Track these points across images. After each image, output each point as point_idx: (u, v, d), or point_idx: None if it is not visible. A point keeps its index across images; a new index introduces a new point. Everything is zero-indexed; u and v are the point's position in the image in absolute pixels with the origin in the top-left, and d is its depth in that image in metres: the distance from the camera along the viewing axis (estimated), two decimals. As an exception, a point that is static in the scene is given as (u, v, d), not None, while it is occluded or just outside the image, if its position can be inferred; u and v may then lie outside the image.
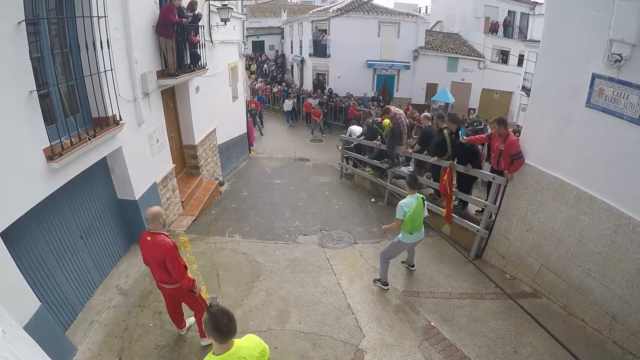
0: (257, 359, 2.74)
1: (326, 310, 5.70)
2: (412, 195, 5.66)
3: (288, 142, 19.17)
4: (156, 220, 4.24)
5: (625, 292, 4.67)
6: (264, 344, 2.90)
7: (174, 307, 4.88)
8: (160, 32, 7.31)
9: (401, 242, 5.83)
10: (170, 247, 4.16)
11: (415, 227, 5.64)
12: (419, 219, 5.62)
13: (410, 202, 5.57)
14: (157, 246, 4.16)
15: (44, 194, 4.51)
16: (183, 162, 9.98)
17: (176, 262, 4.20)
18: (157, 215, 4.24)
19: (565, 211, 5.43)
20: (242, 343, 2.76)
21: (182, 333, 5.16)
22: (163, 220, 4.33)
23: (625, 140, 4.56)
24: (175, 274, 4.25)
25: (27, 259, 4.50)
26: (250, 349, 2.75)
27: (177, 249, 4.28)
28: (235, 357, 2.65)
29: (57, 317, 4.88)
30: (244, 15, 14.78)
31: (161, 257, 4.18)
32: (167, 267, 4.24)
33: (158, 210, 4.29)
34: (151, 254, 4.28)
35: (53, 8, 4.83)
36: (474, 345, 5.04)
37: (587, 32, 4.89)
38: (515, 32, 26.78)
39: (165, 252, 4.14)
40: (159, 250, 4.16)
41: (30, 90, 4.18)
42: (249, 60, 30.85)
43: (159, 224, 4.26)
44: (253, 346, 2.79)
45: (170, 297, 4.73)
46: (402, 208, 5.54)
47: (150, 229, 4.27)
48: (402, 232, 5.74)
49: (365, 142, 10.92)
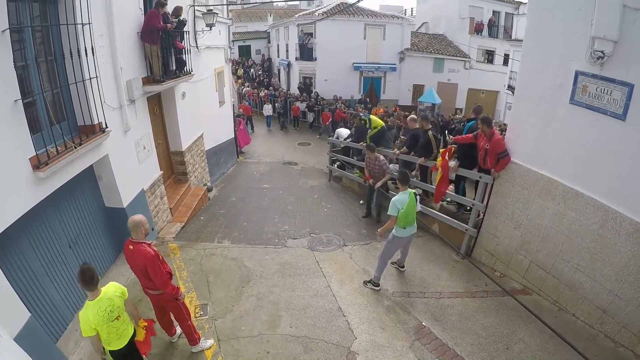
0: (118, 297, 3.81)
1: (317, 313, 5.71)
2: (404, 191, 5.75)
3: (276, 146, 19.16)
4: (137, 229, 4.24)
5: (614, 285, 4.77)
6: (123, 287, 3.94)
7: (162, 314, 4.88)
8: (145, 39, 7.28)
9: (396, 237, 5.89)
10: (151, 256, 4.19)
11: (408, 222, 5.73)
12: (412, 214, 5.72)
13: (402, 198, 5.65)
14: (138, 255, 4.20)
15: (31, 203, 4.47)
16: (171, 169, 9.93)
17: (158, 271, 4.24)
18: (139, 224, 4.25)
19: (553, 207, 5.53)
20: (107, 288, 3.79)
21: (173, 340, 5.15)
22: (145, 229, 4.32)
23: (609, 135, 4.68)
24: (158, 282, 4.29)
25: (16, 269, 4.45)
26: (113, 291, 3.80)
27: (159, 257, 4.32)
28: (104, 299, 3.66)
29: (47, 328, 4.82)
30: (229, 20, 14.76)
31: (143, 265, 4.22)
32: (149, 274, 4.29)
33: (140, 219, 4.28)
34: (134, 263, 4.32)
35: (37, 15, 4.80)
36: (465, 343, 5.09)
37: (569, 30, 5.01)
38: (500, 32, 27.14)
39: (147, 261, 4.18)
40: (140, 260, 4.21)
41: (15, 99, 4.14)
42: (235, 65, 30.80)
43: (140, 233, 4.26)
44: (114, 290, 3.83)
45: (158, 304, 4.75)
46: (395, 205, 5.62)
47: (133, 238, 4.28)
48: (395, 227, 5.79)
49: (352, 144, 10.96)
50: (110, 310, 3.69)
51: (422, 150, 7.98)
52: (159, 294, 4.47)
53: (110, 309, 3.69)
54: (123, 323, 3.87)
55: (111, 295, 3.74)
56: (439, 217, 7.67)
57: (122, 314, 3.83)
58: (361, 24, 24.42)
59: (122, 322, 3.85)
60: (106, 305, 3.67)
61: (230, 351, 5.02)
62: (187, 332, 4.85)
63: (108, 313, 3.68)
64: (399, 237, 5.88)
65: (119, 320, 3.80)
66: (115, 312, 3.74)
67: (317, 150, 17.76)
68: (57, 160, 4.68)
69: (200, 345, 4.96)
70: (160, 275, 4.26)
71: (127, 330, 3.94)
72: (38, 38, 4.86)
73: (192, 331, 4.88)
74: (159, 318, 4.89)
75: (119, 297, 3.83)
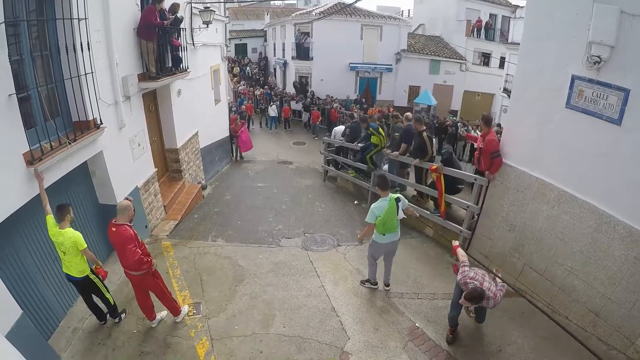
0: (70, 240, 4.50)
1: (310, 313, 5.71)
2: (384, 198, 5.52)
3: (271, 145, 19.12)
4: (125, 212, 4.75)
5: (607, 289, 4.80)
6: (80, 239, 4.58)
7: (143, 297, 5.20)
8: (141, 35, 7.23)
9: (374, 241, 5.80)
10: (129, 235, 4.66)
11: (387, 229, 5.55)
12: (391, 221, 5.51)
13: (381, 205, 5.47)
14: (119, 235, 4.64)
15: (24, 199, 4.44)
16: (165, 166, 9.87)
17: (132, 250, 4.64)
18: (127, 208, 4.78)
19: (547, 210, 5.56)
20: (68, 232, 4.52)
21: (153, 325, 5.38)
22: (130, 214, 4.82)
23: (604, 139, 4.72)
24: (131, 260, 4.66)
25: (8, 266, 4.43)
26: (70, 235, 4.51)
27: (137, 238, 4.79)
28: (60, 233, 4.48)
29: (39, 325, 4.80)
30: (226, 17, 14.72)
31: (122, 244, 4.65)
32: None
33: (128, 204, 4.83)
34: (116, 242, 4.76)
35: (33, 9, 4.75)
36: (459, 344, 5.10)
37: (566, 35, 5.05)
38: (496, 35, 27.23)
39: (124, 240, 4.62)
40: (120, 239, 4.65)
41: (9, 93, 4.10)
42: (231, 63, 30.71)
43: (126, 216, 4.76)
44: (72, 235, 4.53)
45: (137, 285, 5.09)
46: (372, 212, 5.49)
47: (117, 220, 4.73)
48: (375, 232, 5.68)
49: (347, 144, 10.95)
50: (60, 243, 4.51)
51: (417, 151, 7.98)
52: (139, 274, 4.88)
53: (60, 242, 4.51)
54: (69, 259, 4.65)
55: (67, 235, 4.50)
56: (432, 219, 7.68)
57: (68, 253, 4.58)
58: (358, 25, 24.45)
59: (68, 258, 4.63)
60: (58, 238, 4.50)
61: (224, 350, 5.00)
62: (169, 306, 5.35)
63: (58, 244, 4.54)
64: (377, 242, 5.77)
65: (65, 255, 4.60)
66: (62, 247, 4.53)
67: (311, 149, 17.75)
68: (51, 156, 4.64)
69: (182, 314, 5.50)
70: (133, 253, 4.62)
71: (73, 267, 4.70)
72: (34, 32, 4.81)
73: (174, 304, 5.39)
74: (141, 302, 5.24)
75: (70, 241, 4.52)
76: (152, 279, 5.04)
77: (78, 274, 4.78)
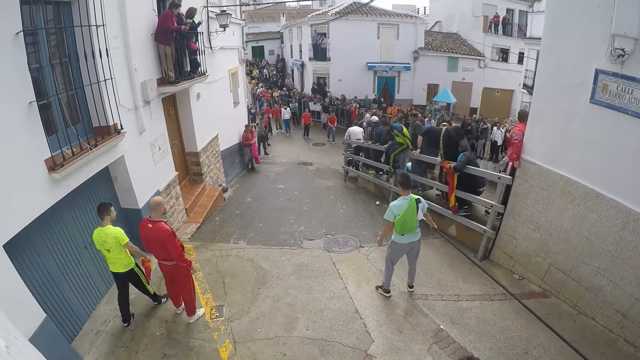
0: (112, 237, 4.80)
1: (334, 315, 5.63)
2: (404, 197, 5.39)
3: (291, 146, 19.15)
4: (158, 208, 4.89)
5: (635, 289, 4.59)
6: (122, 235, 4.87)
7: (171, 285, 5.45)
8: (159, 40, 7.29)
9: (393, 242, 5.67)
10: (170, 233, 4.85)
11: (406, 229, 5.41)
12: (410, 221, 5.36)
13: (401, 204, 5.34)
14: (158, 232, 4.80)
15: (47, 205, 4.49)
16: (186, 169, 9.95)
17: (175, 246, 4.88)
18: (160, 204, 4.93)
19: (573, 209, 5.35)
20: (109, 229, 4.80)
21: (178, 312, 5.67)
22: (164, 209, 5.00)
23: (630, 135, 4.48)
24: (174, 255, 4.91)
25: (31, 270, 4.47)
26: (112, 232, 4.80)
27: (174, 234, 4.99)
28: (103, 232, 4.80)
29: (62, 328, 4.84)
30: (242, 20, 14.80)
31: (161, 240, 4.82)
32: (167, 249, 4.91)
33: (160, 200, 5.00)
34: (152, 239, 4.88)
35: (51, 18, 4.81)
36: (484, 347, 4.95)
37: (588, 28, 4.83)
38: (514, 30, 26.63)
39: (165, 237, 4.80)
40: (160, 236, 4.80)
41: (30, 101, 4.16)
42: (249, 65, 30.89)
43: (160, 212, 4.91)
44: (114, 231, 4.81)
45: (169, 275, 5.31)
46: (391, 210, 5.37)
47: (152, 217, 4.89)
48: (394, 232, 5.57)
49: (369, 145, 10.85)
50: (103, 241, 4.79)
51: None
52: (171, 265, 5.07)
53: (103, 240, 4.79)
54: (114, 256, 4.93)
55: (109, 232, 4.79)
56: (456, 219, 7.52)
57: (112, 250, 4.85)
58: (374, 24, 24.31)
59: (113, 255, 4.91)
60: (101, 236, 4.79)
61: (247, 353, 4.97)
62: (188, 302, 5.44)
63: (101, 243, 4.81)
64: (396, 242, 5.63)
65: (110, 252, 4.88)
66: (106, 245, 4.80)
67: (331, 150, 17.72)
68: (72, 162, 4.69)
69: (196, 315, 5.55)
70: (176, 249, 4.90)
71: (119, 262, 5.00)
72: (52, 40, 4.88)
73: (193, 303, 5.47)
74: (168, 289, 5.56)
75: (112, 237, 4.79)
76: (184, 270, 5.18)
77: (124, 268, 5.06)
